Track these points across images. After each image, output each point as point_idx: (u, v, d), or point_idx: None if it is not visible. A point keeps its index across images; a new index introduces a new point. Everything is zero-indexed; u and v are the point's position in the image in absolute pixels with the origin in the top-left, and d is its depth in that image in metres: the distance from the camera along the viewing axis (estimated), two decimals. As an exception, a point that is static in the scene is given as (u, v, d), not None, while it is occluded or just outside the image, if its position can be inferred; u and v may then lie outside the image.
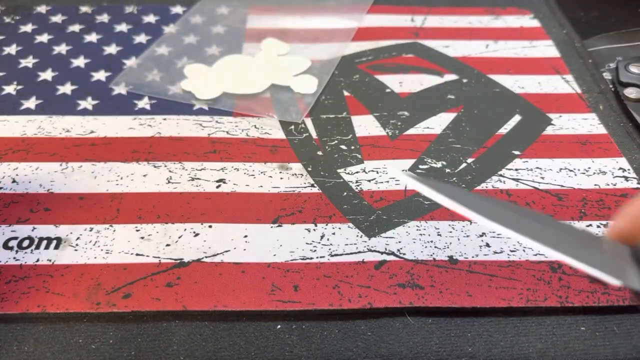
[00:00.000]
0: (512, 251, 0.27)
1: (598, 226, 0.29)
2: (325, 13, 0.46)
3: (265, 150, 0.33)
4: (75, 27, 0.43)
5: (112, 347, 0.24)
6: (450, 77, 0.39)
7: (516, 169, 0.32)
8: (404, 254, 0.27)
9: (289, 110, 0.36)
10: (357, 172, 0.32)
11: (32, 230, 0.28)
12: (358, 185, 0.31)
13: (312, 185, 0.31)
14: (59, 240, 0.27)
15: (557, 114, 0.36)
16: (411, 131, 0.34)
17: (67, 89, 0.37)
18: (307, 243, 0.28)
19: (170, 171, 0.31)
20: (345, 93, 0.38)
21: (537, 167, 0.32)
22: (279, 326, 0.25)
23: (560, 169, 0.32)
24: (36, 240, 0.27)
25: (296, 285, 0.26)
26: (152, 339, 0.24)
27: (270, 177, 0.31)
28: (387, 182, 0.31)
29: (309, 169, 0.32)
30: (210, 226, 0.28)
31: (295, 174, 0.31)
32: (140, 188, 0.30)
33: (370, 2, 0.46)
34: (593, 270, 0.17)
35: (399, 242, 0.28)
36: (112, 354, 0.24)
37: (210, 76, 0.38)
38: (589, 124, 0.35)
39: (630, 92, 0.37)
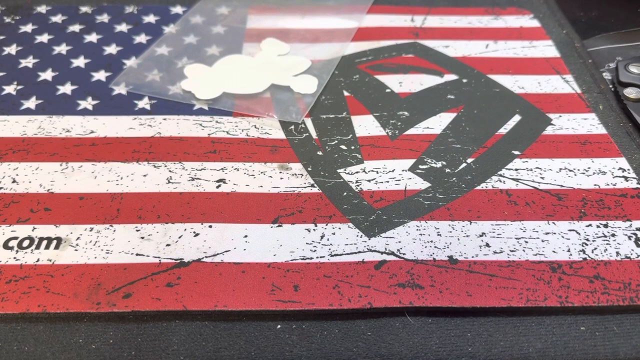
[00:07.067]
0: (512, 251, 0.27)
1: (598, 226, 0.29)
2: (325, 13, 0.46)
3: (265, 150, 0.33)
4: (75, 27, 0.43)
5: (112, 347, 0.24)
6: (450, 77, 0.39)
7: (516, 169, 0.32)
8: (404, 254, 0.27)
9: (289, 110, 0.36)
10: (357, 172, 0.32)
11: (32, 230, 0.28)
12: (358, 185, 0.31)
13: (312, 185, 0.31)
14: (59, 240, 0.28)
15: (557, 114, 0.36)
16: (411, 131, 0.34)
17: (67, 89, 0.37)
18: (307, 243, 0.28)
19: (170, 171, 0.31)
20: (345, 93, 0.38)
21: (537, 167, 0.32)
22: (279, 326, 0.25)
23: (560, 169, 0.32)
24: (36, 240, 0.27)
25: (296, 285, 0.26)
26: (152, 338, 0.24)
27: (270, 177, 0.31)
28: (387, 182, 0.31)
29: (309, 169, 0.32)
30: (210, 226, 0.28)
31: (295, 174, 0.31)
32: (141, 188, 0.30)
33: (370, 2, 0.46)
34: None
35: (399, 242, 0.28)
36: (112, 354, 0.24)
37: (210, 76, 0.38)
38: (588, 124, 0.35)
39: (630, 92, 0.37)
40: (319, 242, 0.28)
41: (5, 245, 0.27)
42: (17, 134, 0.34)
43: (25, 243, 0.27)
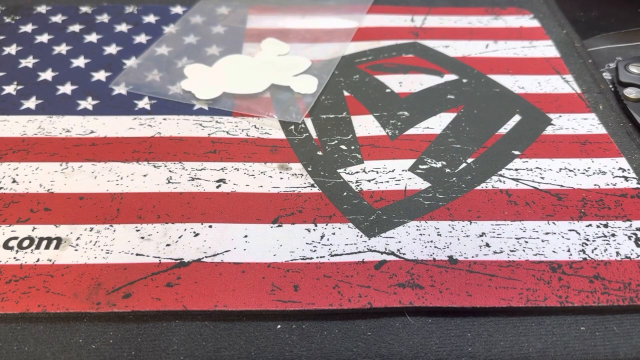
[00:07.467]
0: (512, 251, 0.27)
1: (598, 226, 0.29)
2: (325, 13, 0.46)
3: (265, 150, 0.33)
4: (75, 27, 0.43)
5: (112, 347, 0.24)
6: (450, 77, 0.39)
7: (516, 169, 0.32)
8: (404, 254, 0.27)
9: (289, 110, 0.36)
10: (357, 172, 0.32)
11: (32, 230, 0.28)
12: (358, 185, 0.31)
13: (312, 185, 0.31)
14: (59, 240, 0.28)
15: (557, 114, 0.36)
16: (411, 131, 0.34)
17: (67, 89, 0.37)
18: (307, 243, 0.28)
19: (170, 171, 0.31)
20: (345, 93, 0.38)
21: (537, 167, 0.32)
22: (279, 326, 0.25)
23: (560, 169, 0.32)
24: (36, 240, 0.27)
25: (296, 285, 0.26)
26: (152, 339, 0.24)
27: (270, 177, 0.31)
28: (387, 182, 0.31)
29: (309, 169, 0.32)
30: (210, 226, 0.28)
31: (295, 174, 0.31)
32: (141, 188, 0.30)
33: (370, 2, 0.46)
34: None
35: (399, 242, 0.28)
36: (112, 354, 0.24)
37: (210, 76, 0.38)
38: (588, 124, 0.35)
39: (630, 92, 0.37)
40: (319, 242, 0.28)
41: (5, 245, 0.27)
42: (17, 134, 0.34)
43: (25, 243, 0.27)
